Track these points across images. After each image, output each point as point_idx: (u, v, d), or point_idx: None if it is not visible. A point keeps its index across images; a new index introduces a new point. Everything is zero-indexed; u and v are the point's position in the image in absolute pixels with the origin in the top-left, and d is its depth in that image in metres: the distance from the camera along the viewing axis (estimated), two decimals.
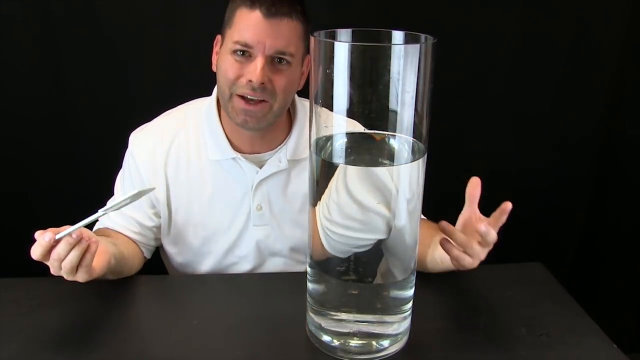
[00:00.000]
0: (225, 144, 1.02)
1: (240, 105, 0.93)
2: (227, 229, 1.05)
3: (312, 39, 0.69)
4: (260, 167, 1.03)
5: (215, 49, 1.00)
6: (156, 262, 1.17)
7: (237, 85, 0.93)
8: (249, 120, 0.95)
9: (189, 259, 1.09)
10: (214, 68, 1.00)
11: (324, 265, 0.76)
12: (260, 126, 0.97)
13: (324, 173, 0.72)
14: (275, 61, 0.93)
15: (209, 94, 1.07)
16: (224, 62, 0.94)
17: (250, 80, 0.91)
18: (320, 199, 0.73)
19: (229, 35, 0.93)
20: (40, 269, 1.01)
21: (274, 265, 1.09)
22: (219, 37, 0.99)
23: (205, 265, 1.09)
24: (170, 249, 1.10)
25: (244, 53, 0.92)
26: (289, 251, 1.08)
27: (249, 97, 0.92)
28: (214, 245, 1.06)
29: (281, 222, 1.06)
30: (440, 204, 1.08)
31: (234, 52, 0.92)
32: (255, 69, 0.90)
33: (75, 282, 0.94)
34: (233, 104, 0.94)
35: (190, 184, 1.04)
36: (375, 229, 0.73)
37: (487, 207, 1.63)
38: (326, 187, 0.72)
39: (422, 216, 1.05)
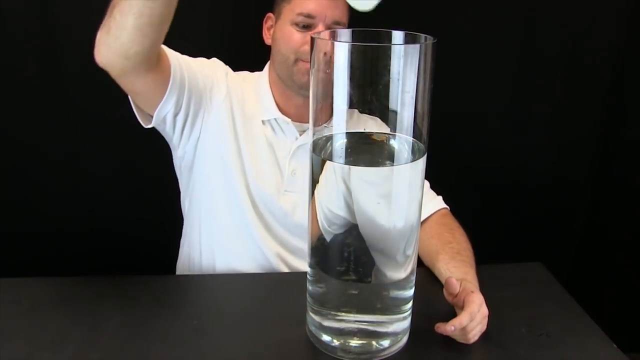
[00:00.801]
0: (273, 106, 1.10)
1: (306, 66, 1.01)
2: (260, 187, 1.08)
3: (311, 38, 0.69)
4: (301, 135, 1.10)
5: (266, 25, 1.12)
6: (157, 262, 1.17)
7: (302, 52, 1.02)
8: None
9: (214, 203, 1.10)
10: (267, 42, 1.12)
11: (324, 265, 0.76)
12: None
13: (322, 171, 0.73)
14: None
15: None
16: (284, 32, 1.04)
17: None
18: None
19: (289, 9, 1.04)
20: (40, 269, 1.02)
21: (294, 243, 1.09)
22: (269, 14, 1.11)
23: (227, 218, 1.09)
24: (199, 194, 1.12)
25: (305, 25, 1.02)
26: None
27: None
28: (240, 199, 1.08)
29: None
30: None
31: (296, 23, 1.02)
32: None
33: (74, 283, 0.95)
34: (298, 67, 1.04)
35: (233, 135, 1.08)
36: (334, 203, 0.74)
37: (486, 207, 1.64)
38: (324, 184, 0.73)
39: (449, 211, 1.07)
